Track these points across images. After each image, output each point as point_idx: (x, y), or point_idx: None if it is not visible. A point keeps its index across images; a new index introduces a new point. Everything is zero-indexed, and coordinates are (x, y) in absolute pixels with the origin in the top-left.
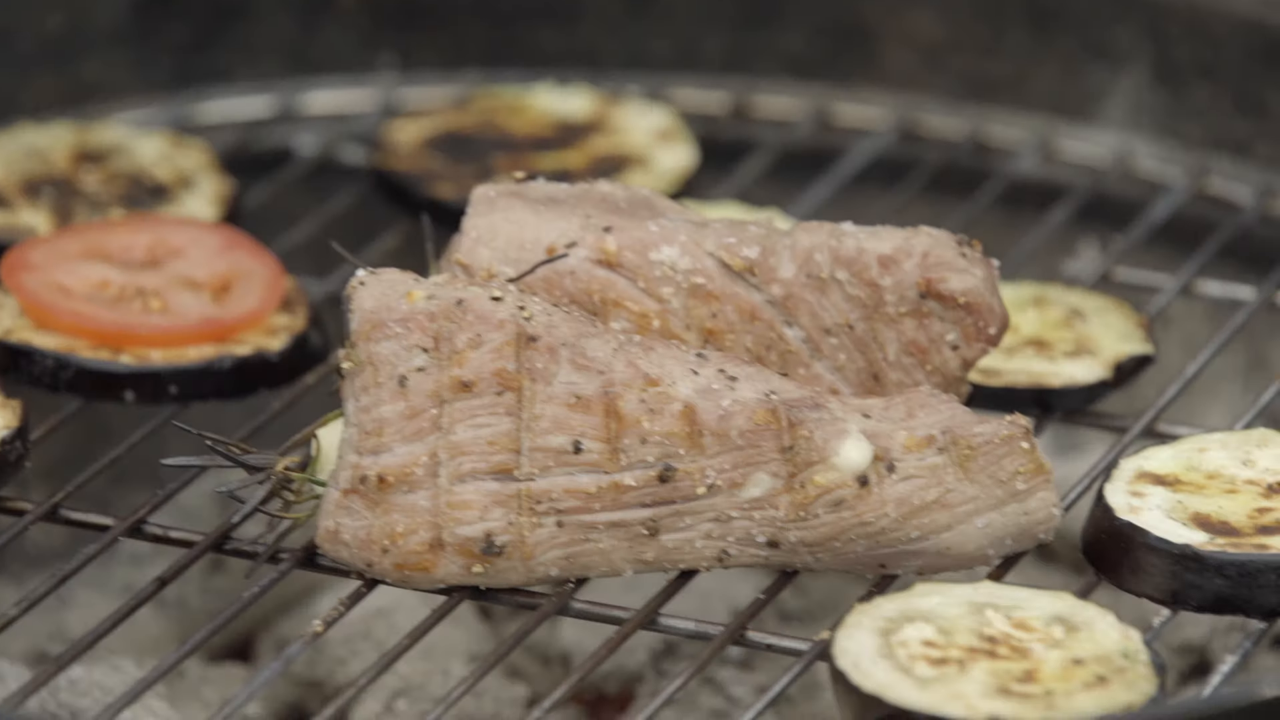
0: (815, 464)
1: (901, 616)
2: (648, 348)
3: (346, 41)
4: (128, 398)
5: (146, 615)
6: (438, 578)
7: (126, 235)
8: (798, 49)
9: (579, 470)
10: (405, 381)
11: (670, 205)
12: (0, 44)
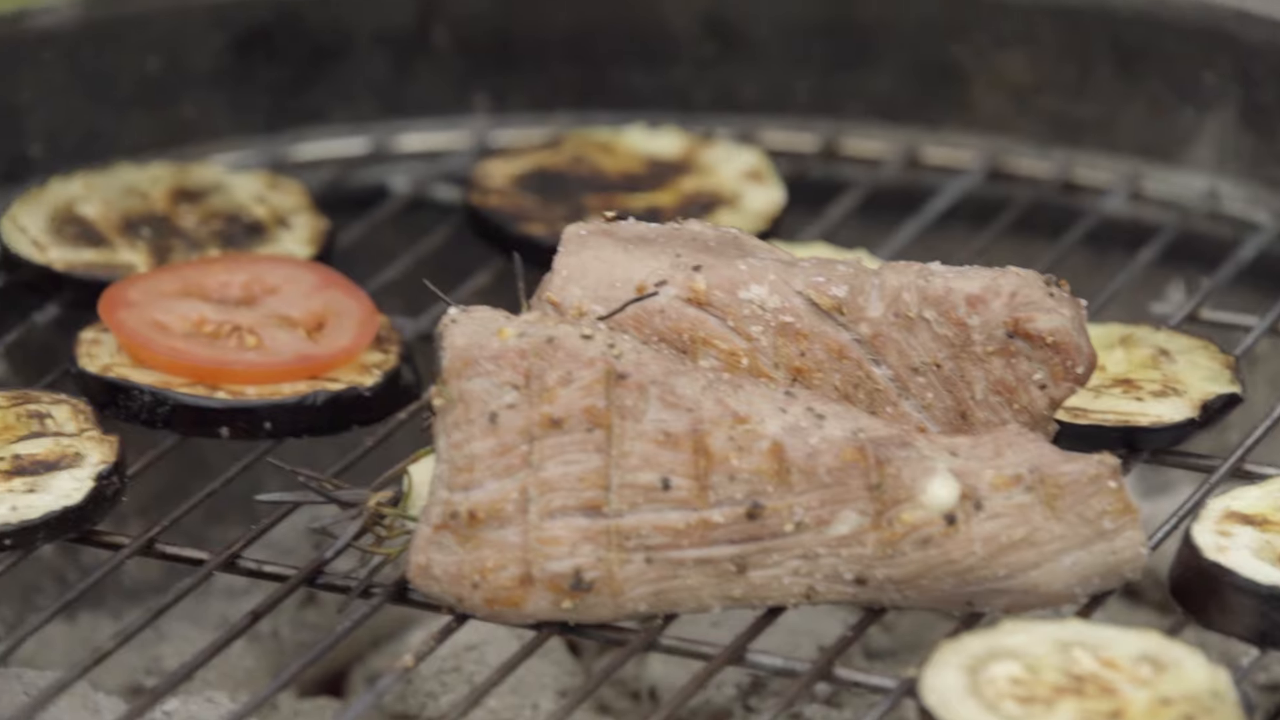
0: (903, 502)
1: (989, 654)
2: (736, 385)
3: (440, 83)
4: (223, 433)
5: (240, 649)
6: (527, 613)
7: (223, 273)
8: (887, 91)
9: (667, 507)
10: (496, 418)
11: (759, 244)
12: (101, 85)
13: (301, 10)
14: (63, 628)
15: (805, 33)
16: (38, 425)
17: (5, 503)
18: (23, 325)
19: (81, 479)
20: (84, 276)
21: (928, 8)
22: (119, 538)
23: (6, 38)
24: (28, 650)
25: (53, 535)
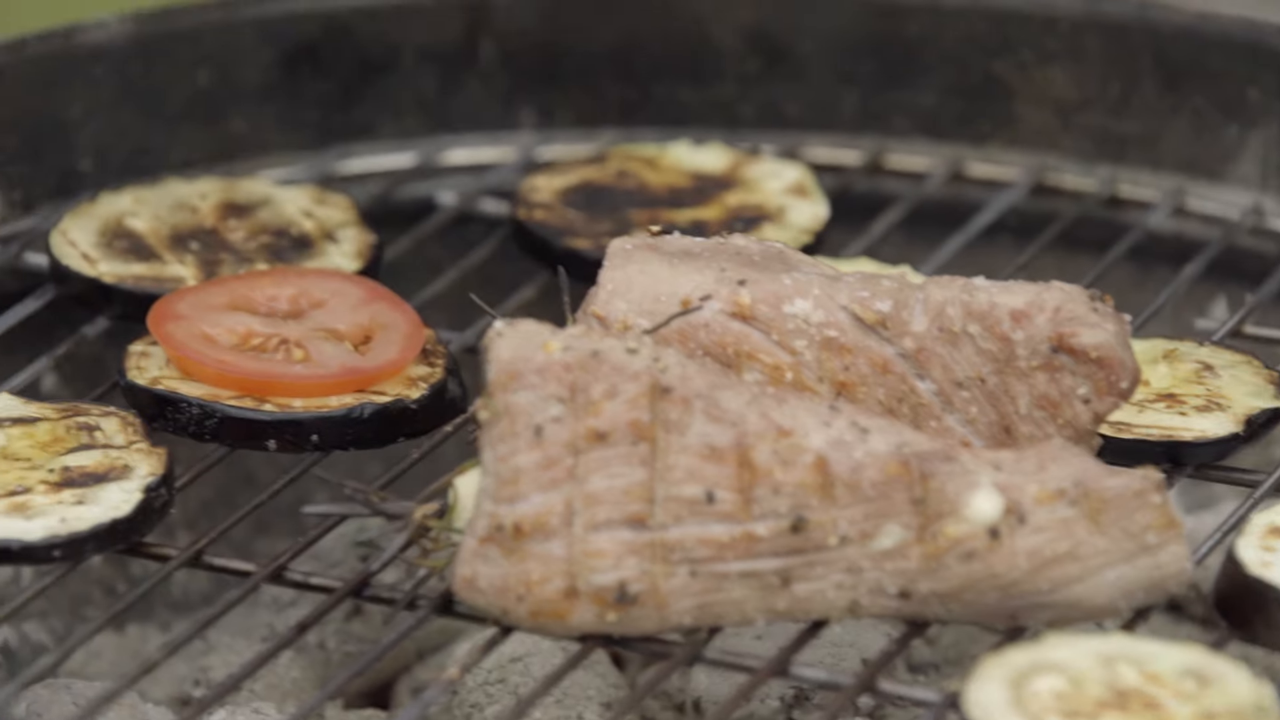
0: (946, 516)
1: (1032, 668)
2: (780, 399)
3: (487, 98)
4: (270, 446)
5: (287, 660)
6: (572, 625)
7: (271, 287)
8: (931, 107)
9: (712, 520)
10: (541, 431)
11: (803, 259)
12: (151, 100)
13: (350, 25)
14: (111, 639)
15: (850, 49)
16: (87, 437)
17: (55, 514)
18: (72, 338)
19: (130, 491)
20: (133, 289)
21: (972, 24)
22: (167, 549)
23: (58, 53)
24: (77, 661)
25: (101, 547)
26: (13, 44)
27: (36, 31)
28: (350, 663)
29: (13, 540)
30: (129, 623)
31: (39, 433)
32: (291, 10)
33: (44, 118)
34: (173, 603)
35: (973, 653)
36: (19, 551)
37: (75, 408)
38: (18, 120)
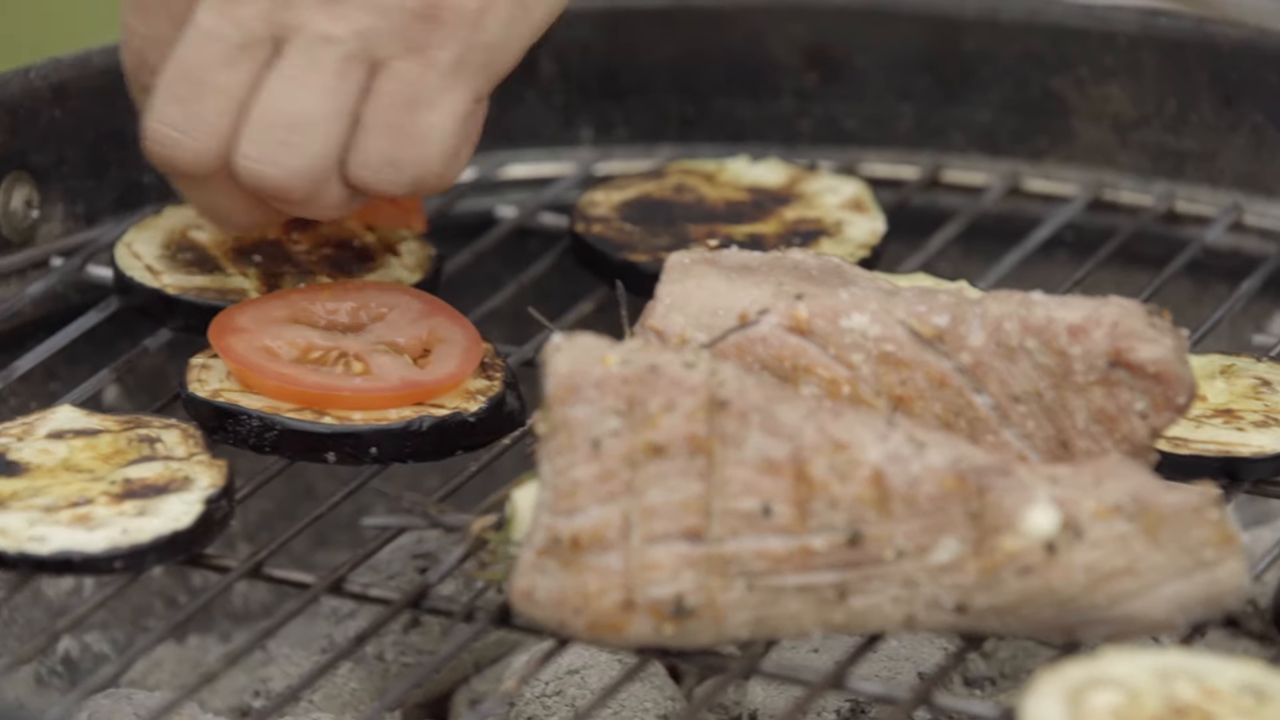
0: (1003, 530)
1: (1089, 683)
2: (837, 413)
3: (546, 113)
4: (330, 458)
5: (346, 671)
6: (629, 638)
7: (331, 300)
8: (988, 123)
9: (768, 533)
10: (599, 444)
11: (861, 273)
12: None
13: None
14: (172, 649)
15: (908, 64)
16: (148, 449)
17: (116, 525)
18: (134, 350)
19: (191, 502)
20: (195, 301)
21: (1030, 40)
22: (227, 561)
23: (121, 66)
24: (137, 671)
25: (162, 558)
26: (77, 58)
27: (101, 46)
28: (408, 674)
29: (75, 551)
30: (189, 633)
31: (101, 444)
32: None
33: (107, 131)
34: (233, 614)
35: (1029, 667)
36: (81, 562)
37: (137, 419)
38: (81, 134)
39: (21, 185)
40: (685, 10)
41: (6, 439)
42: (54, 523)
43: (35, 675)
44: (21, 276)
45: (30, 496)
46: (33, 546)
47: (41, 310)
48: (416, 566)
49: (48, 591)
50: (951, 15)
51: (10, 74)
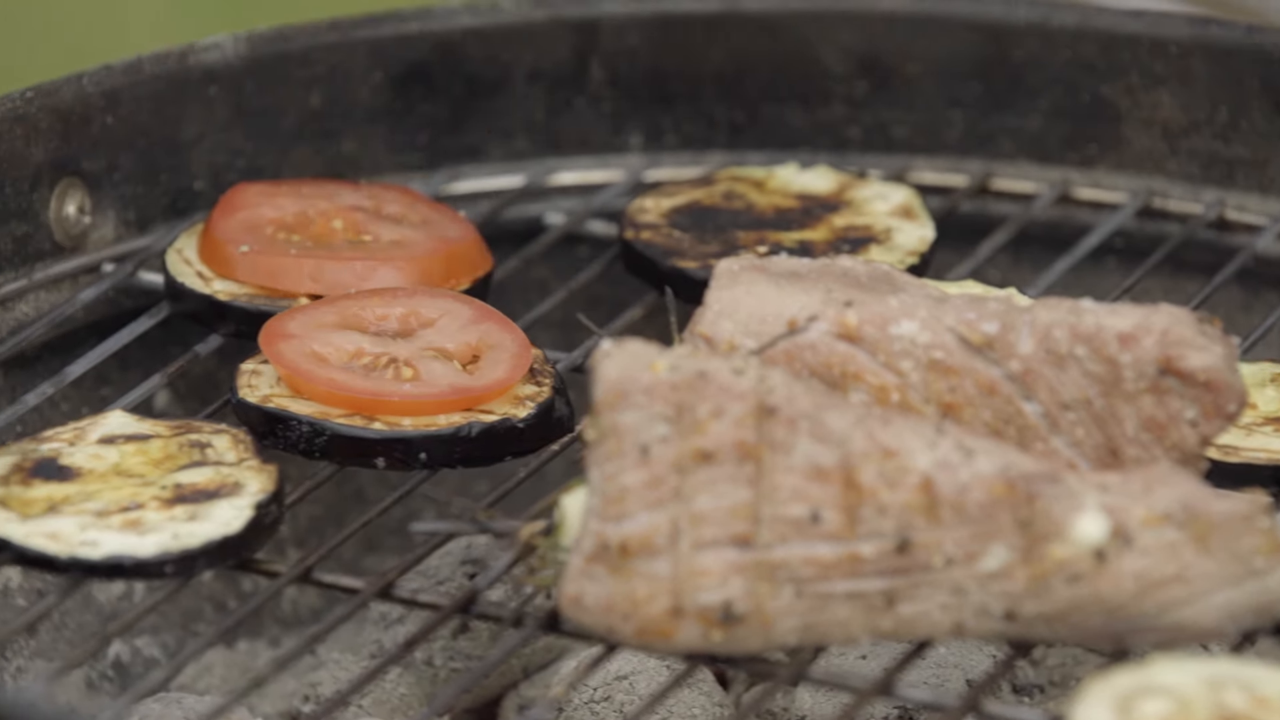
0: (1052, 538)
1: (1139, 691)
2: (886, 420)
3: (595, 120)
4: (379, 464)
5: (395, 676)
6: (677, 644)
7: (381, 306)
8: (1038, 130)
9: (817, 540)
10: (648, 451)
11: (910, 280)
12: (266, 120)
13: (461, 47)
14: (222, 653)
15: (957, 71)
16: (199, 454)
17: (166, 530)
18: (186, 356)
19: (241, 507)
20: (246, 307)
21: (1080, 47)
22: (277, 566)
23: (173, 74)
24: (188, 675)
25: (212, 563)
26: (129, 65)
27: (152, 53)
28: (457, 679)
29: (126, 556)
30: (239, 638)
31: (152, 449)
32: (403, 31)
33: (159, 138)
34: (282, 618)
35: (1078, 674)
36: (132, 567)
37: (188, 425)
38: (133, 140)
39: (74, 191)
40: (735, 17)
41: (59, 444)
42: (105, 527)
43: (86, 679)
44: (74, 282)
45: (82, 501)
46: (84, 551)
47: (93, 316)
48: (465, 572)
49: (99, 596)
50: (1002, 22)
51: (62, 80)
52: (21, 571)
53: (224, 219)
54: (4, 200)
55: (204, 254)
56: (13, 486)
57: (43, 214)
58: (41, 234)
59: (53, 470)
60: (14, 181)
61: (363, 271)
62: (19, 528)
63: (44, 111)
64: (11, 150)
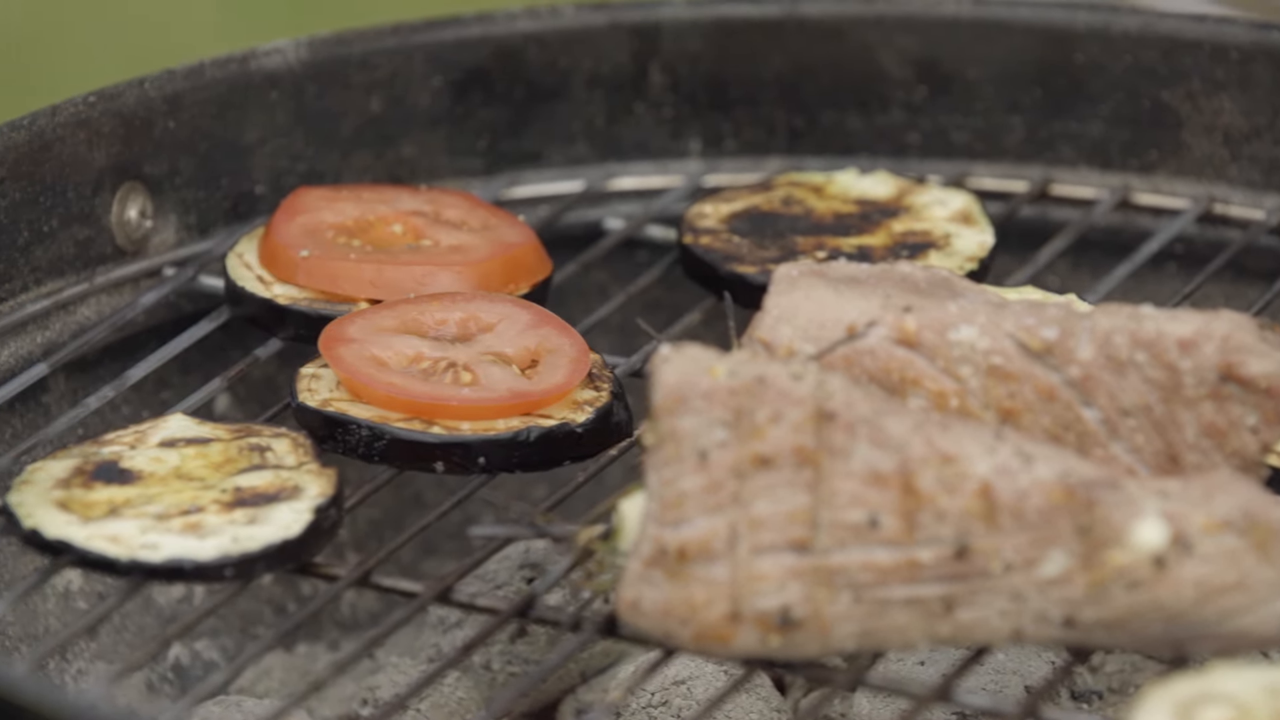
0: (1112, 544)
1: (1199, 698)
2: (945, 426)
3: (655, 125)
4: (438, 468)
5: (453, 680)
6: (735, 649)
7: (440, 310)
8: (1099, 135)
9: (875, 545)
10: (706, 455)
11: (969, 286)
12: (326, 125)
13: (520, 52)
14: (281, 657)
15: (1018, 77)
16: (258, 458)
17: (226, 534)
18: (246, 360)
19: (300, 511)
20: (306, 311)
21: (1141, 52)
22: (336, 569)
23: (234, 78)
24: (247, 679)
25: (272, 566)
26: (191, 70)
27: (213, 57)
28: (515, 683)
29: (186, 559)
30: (298, 641)
31: (212, 453)
32: (463, 36)
33: (220, 142)
34: (341, 622)
35: (1137, 681)
36: (192, 570)
37: (247, 428)
38: (195, 145)
39: (135, 196)
40: (795, 22)
41: (119, 447)
42: (165, 530)
43: (146, 682)
44: (135, 286)
45: (142, 504)
46: (144, 554)
47: (154, 319)
48: (523, 576)
49: (158, 599)
50: (1063, 27)
51: (125, 85)
52: (82, 574)
53: (284, 223)
54: (66, 204)
55: (264, 258)
56: (74, 489)
57: (104, 218)
58: (103, 238)
59: (114, 473)
60: (76, 186)
61: (422, 276)
62: (80, 530)
63: (106, 116)
64: (74, 154)
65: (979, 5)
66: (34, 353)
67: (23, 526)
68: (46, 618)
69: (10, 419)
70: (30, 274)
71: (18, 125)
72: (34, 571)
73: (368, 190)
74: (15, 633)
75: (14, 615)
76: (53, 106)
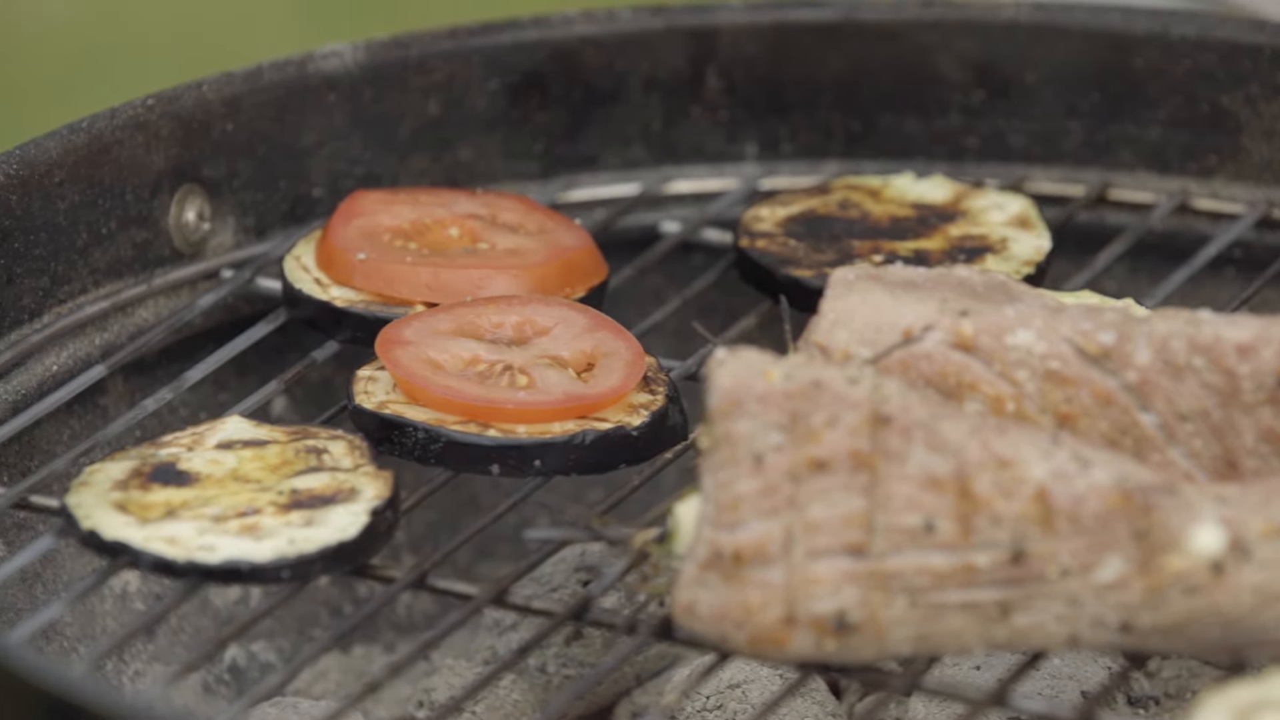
0: (1169, 549)
1: (1256, 704)
2: (1002, 430)
3: (711, 129)
4: (493, 470)
5: (508, 682)
6: (790, 652)
7: (496, 314)
8: (1156, 140)
9: (931, 549)
10: (762, 459)
11: (1026, 290)
12: (384, 128)
13: (577, 55)
14: (337, 658)
15: (1076, 81)
16: (315, 460)
17: (283, 536)
18: (302, 362)
19: (357, 513)
20: (363, 314)
21: (1200, 56)
22: (392, 571)
23: (292, 81)
24: (303, 680)
25: (328, 568)
26: (249, 73)
27: (271, 60)
28: (570, 686)
29: (242, 561)
30: (354, 643)
31: (269, 455)
32: (520, 39)
33: (277, 145)
34: (397, 624)
35: (1194, 687)
36: (248, 572)
37: (304, 430)
38: (252, 147)
39: (193, 198)
40: (852, 26)
41: (177, 449)
42: (222, 532)
43: (203, 683)
44: (192, 288)
45: (200, 506)
46: (202, 556)
47: (211, 321)
48: (579, 579)
49: (215, 600)
50: (1121, 31)
51: (183, 88)
52: (140, 575)
53: (342, 226)
54: (125, 207)
55: (321, 261)
56: (132, 491)
57: (163, 220)
58: (161, 240)
59: (171, 475)
60: (135, 188)
61: (478, 279)
62: (138, 532)
63: (165, 118)
64: (133, 157)
65: (1037, 9)
66: (92, 354)
67: (81, 528)
68: (104, 618)
69: (69, 420)
70: (89, 276)
71: (77, 128)
72: (92, 572)
73: (424, 193)
74: (73, 633)
75: (72, 616)
76: (111, 109)
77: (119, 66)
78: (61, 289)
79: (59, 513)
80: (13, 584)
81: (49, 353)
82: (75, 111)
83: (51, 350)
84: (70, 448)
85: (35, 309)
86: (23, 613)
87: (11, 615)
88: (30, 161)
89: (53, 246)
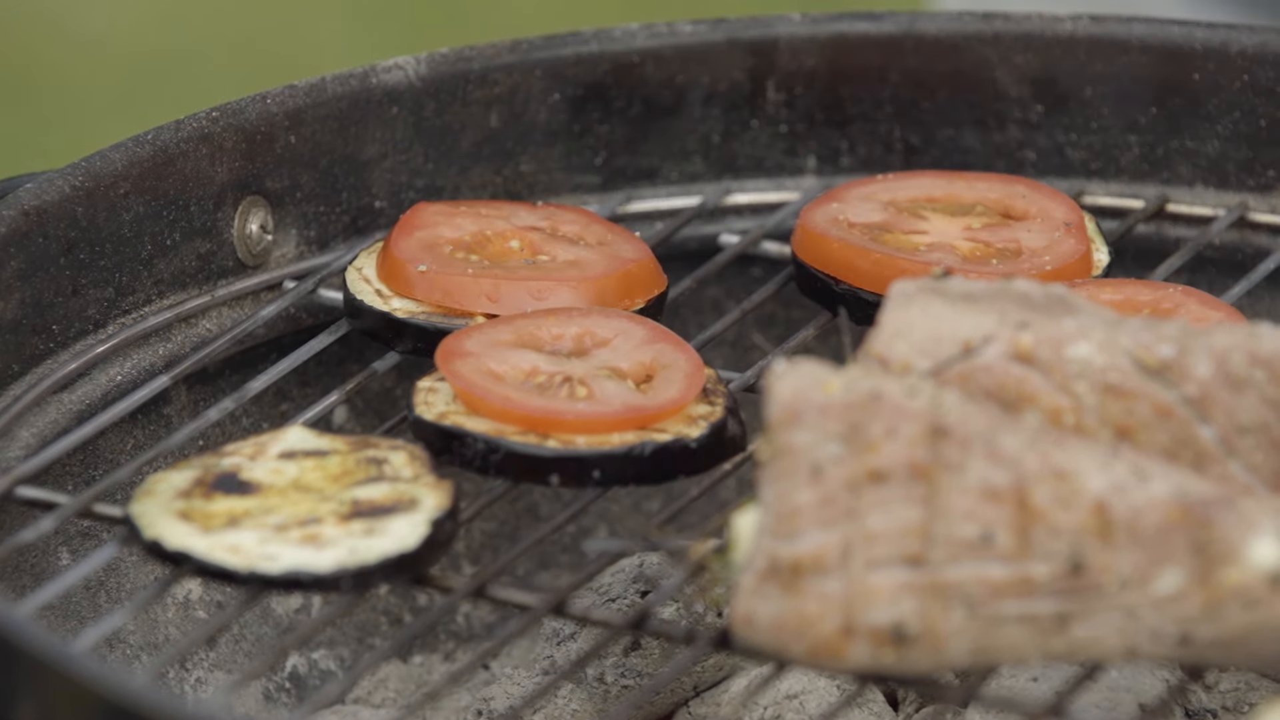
0: (1228, 562)
1: None
2: (1060, 442)
3: (771, 142)
4: (552, 481)
5: (567, 692)
6: (848, 663)
7: (556, 325)
8: (1215, 154)
9: (989, 561)
10: (820, 470)
11: (1085, 303)
12: (445, 140)
13: (638, 68)
14: (396, 667)
15: (1135, 95)
16: (376, 470)
17: (344, 545)
18: (364, 373)
19: (417, 523)
20: (423, 325)
21: (1259, 70)
22: (451, 581)
23: (355, 93)
24: (363, 688)
25: (388, 577)
26: (312, 85)
27: (334, 73)
28: (628, 696)
29: (303, 570)
30: (414, 652)
31: (330, 465)
32: (581, 53)
33: (340, 157)
34: (456, 633)
35: (1252, 700)
36: (309, 581)
37: (365, 441)
38: (315, 160)
39: (257, 209)
40: (912, 39)
41: (239, 458)
42: (284, 541)
43: (264, 691)
44: (255, 299)
45: (261, 515)
46: (263, 565)
47: (274, 332)
48: (637, 589)
49: (276, 609)
50: (1180, 45)
51: (247, 100)
52: (202, 583)
53: (403, 238)
54: (189, 218)
55: (383, 272)
56: (195, 500)
57: (226, 232)
58: (225, 251)
59: (233, 484)
60: (199, 200)
61: (539, 291)
62: (201, 541)
63: (229, 131)
64: (197, 169)
65: (1096, 23)
66: (156, 364)
67: (144, 537)
68: (166, 627)
69: (132, 430)
70: (153, 286)
71: (142, 140)
72: (154, 581)
73: (485, 206)
74: (136, 641)
75: (135, 624)
76: (176, 121)
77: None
78: (126, 300)
79: (123, 522)
80: (77, 592)
81: (113, 363)
82: (136, 118)
83: (116, 360)
84: (134, 457)
85: (100, 319)
86: (86, 621)
87: (76, 623)
88: (96, 173)
89: (117, 258)
